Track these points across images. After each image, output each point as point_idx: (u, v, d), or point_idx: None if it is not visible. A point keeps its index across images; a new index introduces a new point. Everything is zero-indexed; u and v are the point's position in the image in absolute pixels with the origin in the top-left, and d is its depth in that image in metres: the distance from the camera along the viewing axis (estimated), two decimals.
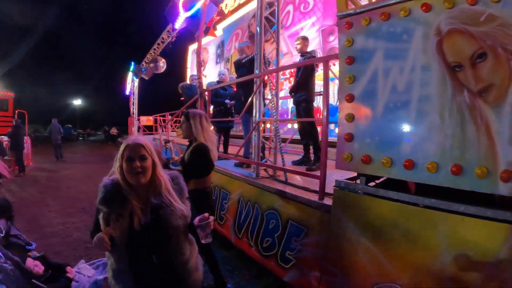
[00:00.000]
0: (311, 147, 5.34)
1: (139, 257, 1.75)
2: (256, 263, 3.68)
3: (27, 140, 12.35)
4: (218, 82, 6.71)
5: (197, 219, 1.77)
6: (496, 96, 1.83)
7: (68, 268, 3.04)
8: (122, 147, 1.77)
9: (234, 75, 6.59)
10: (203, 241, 1.78)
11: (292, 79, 9.03)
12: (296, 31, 10.24)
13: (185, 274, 1.87)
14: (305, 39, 5.25)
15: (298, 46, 5.23)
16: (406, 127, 2.23)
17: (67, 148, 21.88)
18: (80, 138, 36.39)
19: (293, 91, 5.28)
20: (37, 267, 2.83)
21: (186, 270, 1.88)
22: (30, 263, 2.83)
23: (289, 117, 9.17)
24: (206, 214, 1.78)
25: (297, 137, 5.89)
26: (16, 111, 13.49)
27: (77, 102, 50.54)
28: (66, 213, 6.08)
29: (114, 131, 34.06)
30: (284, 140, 5.42)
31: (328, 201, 2.90)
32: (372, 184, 2.66)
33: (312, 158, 5.16)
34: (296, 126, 6.13)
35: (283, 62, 10.18)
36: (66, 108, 49.26)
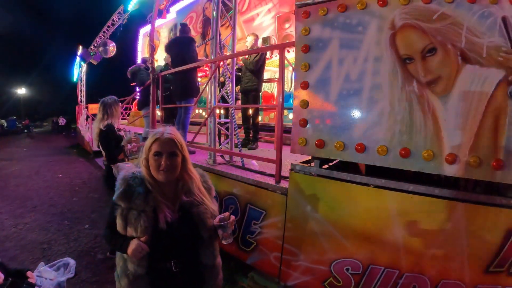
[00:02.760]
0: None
1: (159, 261, 1.60)
2: None
3: None
4: (166, 65, 6.48)
5: (217, 218, 1.63)
6: (443, 87, 1.97)
7: (29, 273, 2.86)
8: (150, 139, 1.60)
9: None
10: (224, 242, 1.64)
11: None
12: (251, 16, 10.19)
13: (212, 276, 1.74)
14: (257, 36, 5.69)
15: (252, 43, 5.46)
16: (358, 114, 2.31)
17: (13, 142, 20.43)
18: (26, 131, 33.68)
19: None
20: None
21: (214, 271, 1.75)
22: None
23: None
24: (227, 213, 1.66)
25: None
26: None
27: (21, 91, 46.07)
28: (17, 213, 5.66)
29: (61, 121, 32.06)
30: (240, 126, 5.55)
31: (284, 183, 2.96)
32: (325, 166, 2.75)
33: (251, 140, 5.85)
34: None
35: (238, 47, 10.11)
36: (9, 98, 45.65)
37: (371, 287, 2.35)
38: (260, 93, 5.94)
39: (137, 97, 7.48)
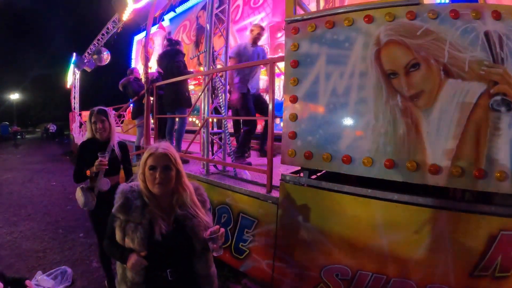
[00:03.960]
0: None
1: (156, 270, 1.67)
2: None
3: None
4: (159, 72, 6.52)
5: (208, 231, 1.65)
6: (426, 101, 2.05)
7: (27, 282, 2.87)
8: (145, 154, 1.68)
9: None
10: (214, 254, 1.68)
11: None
12: (244, 25, 10.29)
13: (207, 284, 1.80)
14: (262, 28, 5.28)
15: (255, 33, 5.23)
16: (344, 126, 2.39)
17: (5, 149, 20.16)
18: (19, 137, 33.07)
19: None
20: None
21: (208, 280, 1.81)
22: None
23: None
24: (217, 226, 1.68)
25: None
26: None
27: (14, 96, 45.43)
28: (11, 221, 5.59)
29: (52, 128, 30.86)
30: (232, 135, 5.59)
31: (275, 193, 3.01)
32: (314, 176, 2.81)
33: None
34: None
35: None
36: (2, 103, 44.94)
37: None
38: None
39: (131, 106, 7.49)
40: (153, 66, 15.41)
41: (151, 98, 5.82)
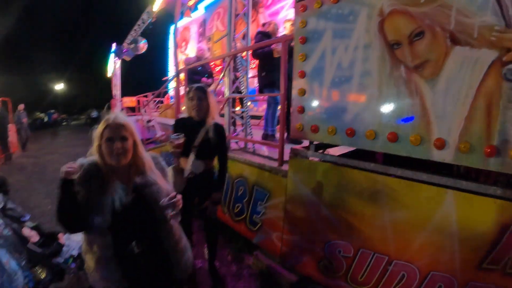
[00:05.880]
0: None
1: (123, 242, 1.64)
2: (229, 228, 3.88)
3: (11, 128, 11.75)
4: (198, 57, 6.57)
5: (166, 199, 1.65)
6: (431, 70, 1.90)
7: (60, 235, 3.33)
8: (101, 126, 1.64)
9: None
10: (172, 221, 1.69)
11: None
12: (276, 10, 10.26)
13: (177, 256, 1.80)
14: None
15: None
16: (348, 99, 2.37)
17: (49, 135, 21.24)
18: (64, 123, 34.71)
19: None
20: (33, 237, 3.16)
21: (178, 251, 1.81)
22: (26, 231, 3.14)
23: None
24: (174, 193, 1.67)
25: None
26: None
27: (59, 86, 47.40)
28: (53, 194, 5.85)
29: (94, 113, 31.71)
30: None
31: (286, 167, 3.02)
32: (327, 152, 2.82)
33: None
34: None
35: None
36: (48, 93, 47.35)
37: (361, 272, 2.39)
38: None
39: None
40: (190, 53, 15.83)
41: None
